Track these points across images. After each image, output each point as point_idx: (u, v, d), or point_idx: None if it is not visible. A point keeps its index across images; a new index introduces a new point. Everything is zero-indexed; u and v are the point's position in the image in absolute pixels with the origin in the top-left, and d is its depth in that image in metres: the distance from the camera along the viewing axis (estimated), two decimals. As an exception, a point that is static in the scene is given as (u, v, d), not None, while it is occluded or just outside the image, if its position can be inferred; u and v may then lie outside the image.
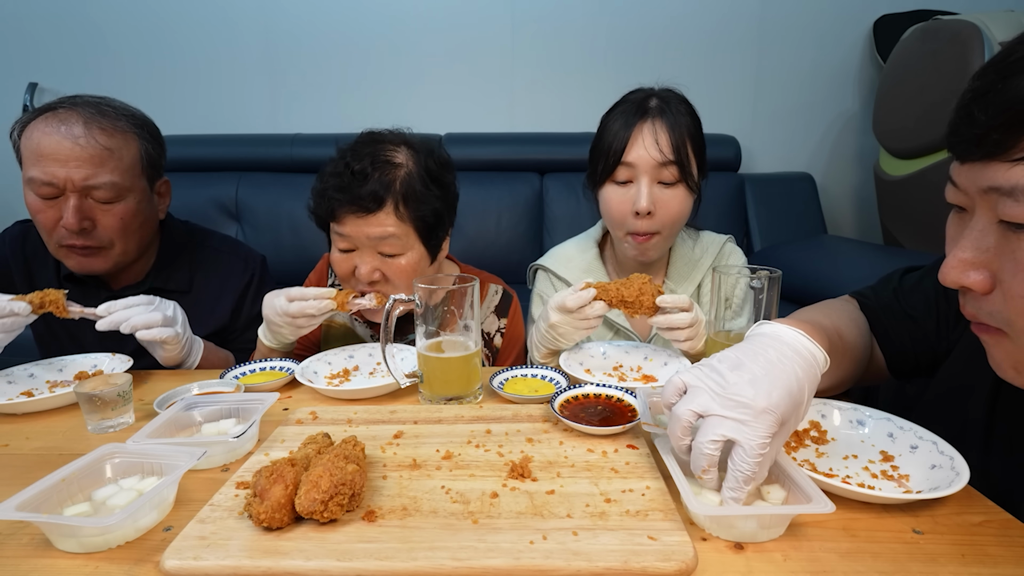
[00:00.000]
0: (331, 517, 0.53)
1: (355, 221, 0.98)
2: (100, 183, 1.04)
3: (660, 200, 1.05)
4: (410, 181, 0.99)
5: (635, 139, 1.04)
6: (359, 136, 1.05)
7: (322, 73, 2.40)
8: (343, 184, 0.97)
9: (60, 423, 0.82)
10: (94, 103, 1.07)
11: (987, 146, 0.47)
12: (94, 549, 0.52)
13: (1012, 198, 0.46)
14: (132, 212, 1.09)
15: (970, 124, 0.49)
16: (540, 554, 0.49)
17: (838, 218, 2.63)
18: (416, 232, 1.01)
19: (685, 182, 1.05)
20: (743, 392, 0.53)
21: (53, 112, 1.04)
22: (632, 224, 1.06)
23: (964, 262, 0.51)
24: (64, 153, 1.01)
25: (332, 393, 0.87)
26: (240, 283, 1.27)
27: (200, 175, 2.27)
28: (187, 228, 1.29)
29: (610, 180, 1.07)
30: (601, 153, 1.08)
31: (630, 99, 1.08)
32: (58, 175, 1.01)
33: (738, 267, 1.17)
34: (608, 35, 2.38)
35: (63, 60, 2.37)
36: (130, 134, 1.09)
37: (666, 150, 1.02)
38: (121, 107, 1.11)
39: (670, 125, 1.03)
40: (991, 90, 0.47)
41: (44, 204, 1.03)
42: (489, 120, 2.43)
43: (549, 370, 0.93)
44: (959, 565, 0.50)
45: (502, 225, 2.22)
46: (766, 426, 0.52)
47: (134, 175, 1.09)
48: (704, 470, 0.54)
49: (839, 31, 2.42)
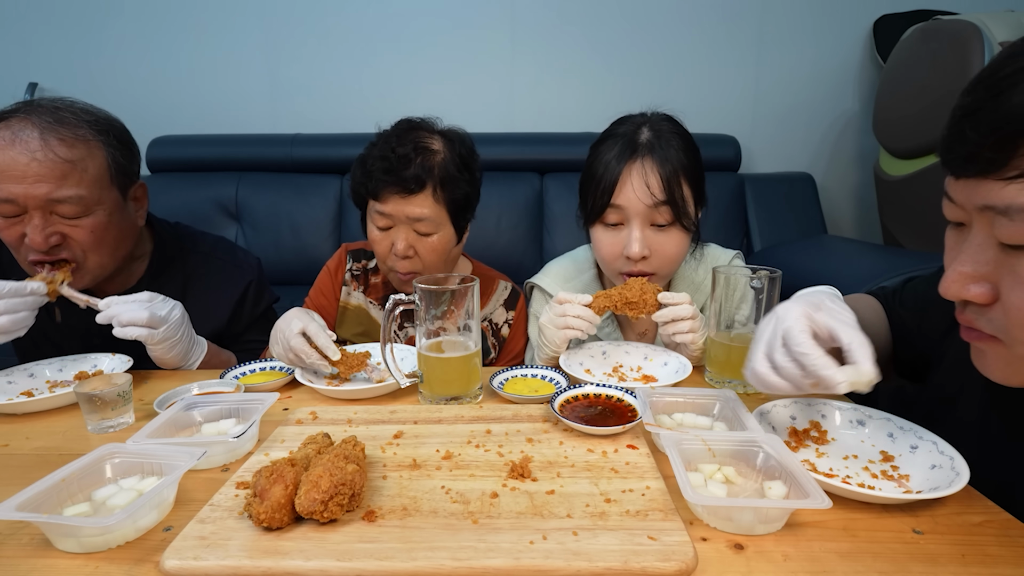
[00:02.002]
0: (331, 517, 0.53)
1: (397, 201, 1.06)
2: (63, 197, 0.95)
3: (654, 244, 1.00)
4: (446, 166, 1.08)
5: (624, 181, 0.97)
6: (398, 122, 1.14)
7: (322, 73, 2.40)
8: (390, 167, 1.05)
9: (60, 423, 0.82)
10: (51, 108, 0.98)
11: (980, 164, 0.47)
12: (94, 549, 0.52)
13: (1007, 217, 0.46)
14: (103, 225, 1.01)
15: (962, 142, 0.48)
16: (540, 554, 0.49)
17: (838, 218, 2.63)
18: (448, 213, 1.10)
19: (680, 222, 0.99)
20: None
21: (5, 123, 0.95)
22: (625, 265, 1.02)
23: (964, 276, 0.52)
24: (20, 169, 0.92)
25: (332, 393, 0.87)
26: (237, 292, 1.24)
27: (200, 175, 2.26)
28: (176, 233, 1.24)
29: (600, 221, 1.02)
30: (590, 191, 1.02)
31: (619, 133, 1.02)
32: (16, 192, 0.93)
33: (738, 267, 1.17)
34: (608, 35, 2.37)
35: (63, 60, 2.36)
36: (93, 142, 0.99)
37: (657, 192, 0.96)
38: (83, 111, 1.01)
39: (661, 162, 0.97)
40: (981, 108, 0.47)
41: (7, 222, 0.96)
42: (489, 120, 2.43)
43: (549, 370, 0.93)
44: (959, 565, 0.50)
45: (502, 225, 2.21)
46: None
47: (102, 186, 1.00)
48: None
49: (839, 31, 2.42)
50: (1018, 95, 0.43)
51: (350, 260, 1.29)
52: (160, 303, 0.97)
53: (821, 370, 0.58)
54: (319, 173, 2.27)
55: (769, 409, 0.76)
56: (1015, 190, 0.45)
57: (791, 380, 0.62)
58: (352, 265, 1.28)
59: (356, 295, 1.27)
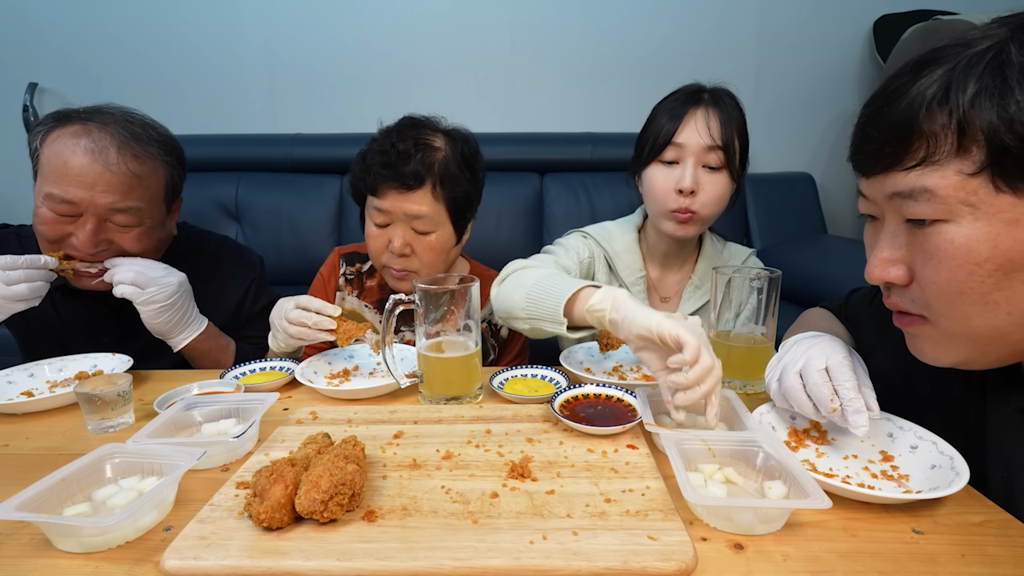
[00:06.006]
0: (331, 517, 0.53)
1: (395, 196, 1.05)
2: (124, 208, 1.00)
3: (703, 183, 1.08)
4: (447, 164, 1.07)
5: (687, 122, 1.07)
6: (401, 119, 1.13)
7: (322, 73, 2.40)
8: (389, 161, 1.04)
9: (60, 423, 0.82)
10: (125, 121, 1.03)
11: (884, 159, 0.56)
12: (94, 549, 0.52)
13: (912, 199, 0.55)
14: (147, 235, 1.07)
15: (868, 142, 0.58)
16: (540, 554, 0.49)
17: (838, 218, 2.63)
18: (448, 212, 1.08)
19: (728, 169, 1.08)
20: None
21: (83, 127, 0.98)
22: (675, 201, 1.08)
23: (884, 260, 0.60)
24: (93, 177, 0.96)
25: (332, 393, 0.87)
26: (240, 289, 1.26)
27: (200, 175, 2.26)
28: (185, 232, 1.27)
29: (657, 160, 1.10)
30: (649, 137, 1.11)
31: (684, 90, 1.12)
32: (80, 197, 0.96)
33: (738, 267, 1.17)
34: (608, 35, 2.37)
35: (63, 60, 2.36)
36: (159, 161, 1.06)
37: (716, 135, 1.06)
38: (151, 127, 1.07)
39: (721, 115, 1.07)
40: (879, 114, 0.57)
41: (57, 219, 0.98)
42: (489, 120, 2.43)
43: (549, 370, 0.93)
44: (959, 565, 0.50)
45: (502, 225, 2.21)
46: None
47: (157, 202, 1.07)
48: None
49: (839, 31, 2.42)
50: (905, 102, 0.54)
51: (343, 264, 1.26)
52: (158, 267, 1.00)
53: (853, 411, 0.65)
54: (319, 173, 2.27)
55: (769, 409, 0.76)
56: (915, 175, 0.54)
57: (817, 402, 0.67)
58: (346, 269, 1.26)
59: (350, 299, 1.25)
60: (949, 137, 0.51)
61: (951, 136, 0.51)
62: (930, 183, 0.53)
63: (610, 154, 2.26)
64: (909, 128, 0.54)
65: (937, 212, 0.53)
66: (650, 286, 1.24)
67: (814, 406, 0.67)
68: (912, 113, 0.53)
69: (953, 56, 0.52)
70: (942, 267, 0.54)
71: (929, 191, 0.53)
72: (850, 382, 0.66)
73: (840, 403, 0.65)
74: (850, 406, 0.65)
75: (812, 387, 0.67)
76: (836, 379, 0.66)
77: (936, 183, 0.52)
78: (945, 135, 0.52)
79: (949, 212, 0.53)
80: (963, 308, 0.55)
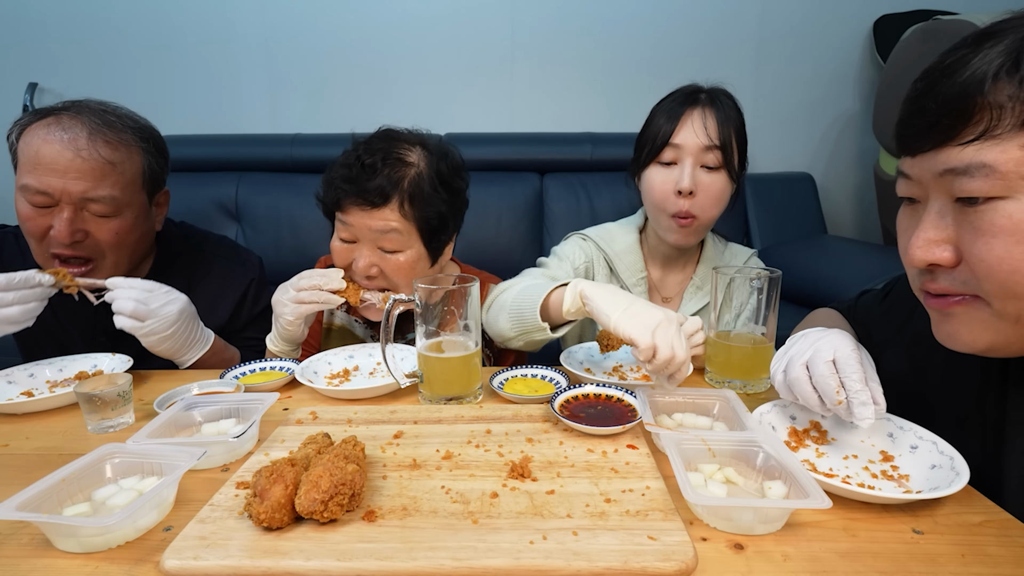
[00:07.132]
0: (331, 517, 0.53)
1: (359, 213, 1.00)
2: (98, 196, 0.99)
3: (702, 183, 1.08)
4: (419, 181, 1.00)
5: (684, 123, 1.08)
6: (376, 131, 1.07)
7: (322, 73, 2.40)
8: (352, 175, 0.99)
9: (60, 423, 0.82)
10: (99, 111, 1.03)
11: (939, 132, 0.54)
12: (94, 549, 0.52)
13: (967, 175, 0.52)
14: (128, 227, 1.05)
15: (922, 114, 0.56)
16: (540, 554, 0.49)
17: (838, 218, 2.63)
18: (418, 232, 1.02)
19: (726, 169, 1.08)
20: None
21: (56, 117, 0.99)
22: (674, 204, 1.09)
23: (929, 241, 0.57)
24: (63, 163, 0.96)
25: (332, 393, 0.87)
26: (239, 290, 1.26)
27: (200, 175, 2.26)
28: (183, 232, 1.26)
29: (655, 162, 1.11)
30: (648, 138, 1.12)
31: (681, 91, 1.13)
32: (54, 185, 0.97)
33: (739, 268, 1.17)
34: (608, 34, 2.37)
35: (63, 60, 2.36)
36: (135, 147, 1.05)
37: (713, 135, 1.06)
38: (127, 116, 1.06)
39: (718, 114, 1.07)
40: (937, 85, 0.54)
41: (35, 212, 0.99)
42: (489, 120, 2.43)
43: (549, 370, 0.93)
44: (959, 565, 0.50)
45: (502, 225, 2.21)
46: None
47: (134, 190, 1.05)
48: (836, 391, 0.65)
49: (839, 31, 2.42)
50: (967, 73, 0.52)
51: None
52: (159, 295, 0.97)
53: (859, 404, 0.64)
54: (319, 173, 2.25)
55: (769, 409, 0.76)
56: (972, 150, 0.52)
57: (823, 393, 0.67)
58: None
59: (340, 314, 1.22)
60: (1016, 108, 0.50)
61: (1019, 107, 0.49)
62: (989, 158, 0.51)
63: (610, 154, 2.26)
64: (972, 99, 0.51)
65: (995, 189, 0.51)
66: (652, 286, 1.24)
67: (819, 398, 0.67)
68: (975, 83, 0.51)
69: (1019, 27, 0.50)
70: (996, 244, 0.52)
71: (988, 166, 0.51)
72: (857, 374, 0.65)
73: (846, 395, 0.65)
74: (856, 398, 0.64)
75: (818, 378, 0.67)
76: (843, 371, 0.66)
77: (996, 158, 0.51)
78: (1012, 106, 0.50)
79: (1008, 188, 0.51)
80: (1015, 287, 0.53)
